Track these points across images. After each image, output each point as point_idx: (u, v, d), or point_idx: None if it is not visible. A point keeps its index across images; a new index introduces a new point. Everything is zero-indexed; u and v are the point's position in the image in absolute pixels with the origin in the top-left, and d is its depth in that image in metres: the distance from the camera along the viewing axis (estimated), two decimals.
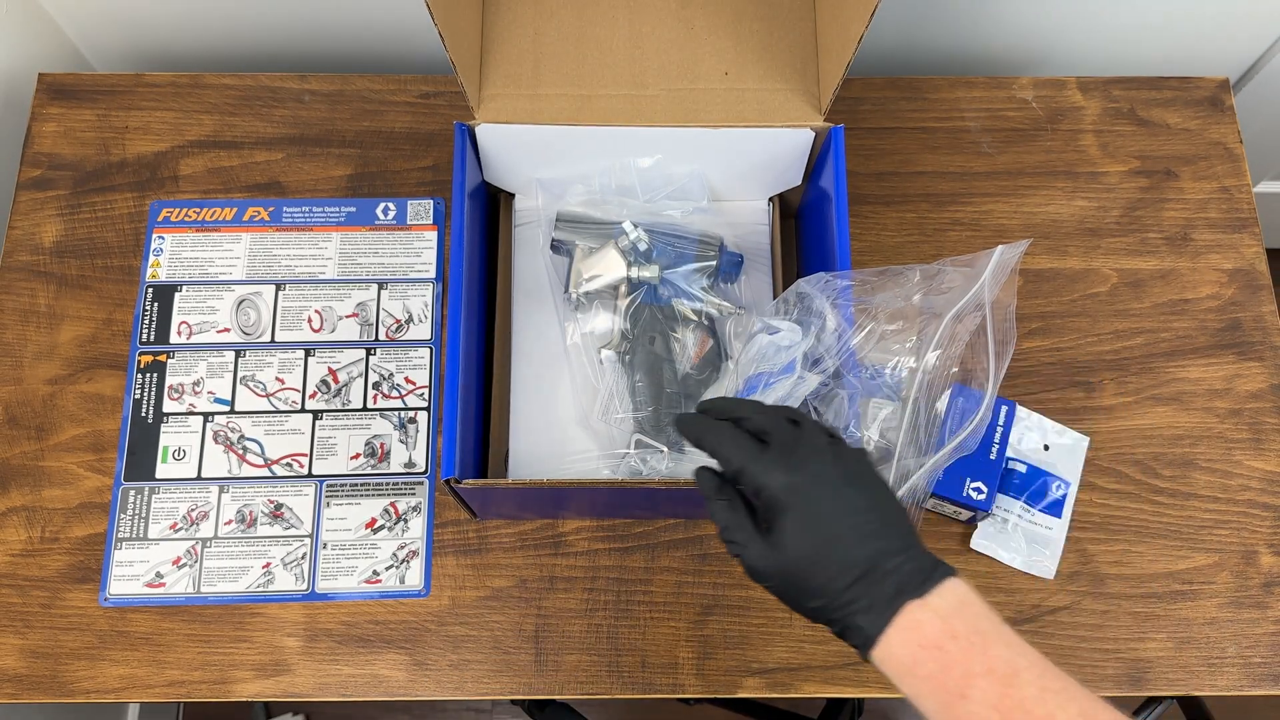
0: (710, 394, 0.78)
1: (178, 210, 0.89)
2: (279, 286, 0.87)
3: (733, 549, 0.51)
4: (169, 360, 0.84)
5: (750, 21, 0.78)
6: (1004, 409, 0.79)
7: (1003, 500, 0.80)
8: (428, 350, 0.85)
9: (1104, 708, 0.44)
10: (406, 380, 0.84)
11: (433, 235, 0.89)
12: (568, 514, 0.80)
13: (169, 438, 0.82)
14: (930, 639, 0.46)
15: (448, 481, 0.66)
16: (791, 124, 0.75)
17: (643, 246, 0.77)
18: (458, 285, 0.70)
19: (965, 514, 0.79)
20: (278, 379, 0.84)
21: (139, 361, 0.84)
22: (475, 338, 0.76)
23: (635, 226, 0.77)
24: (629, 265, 0.77)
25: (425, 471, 0.82)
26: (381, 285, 0.87)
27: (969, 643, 0.46)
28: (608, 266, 0.77)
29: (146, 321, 0.85)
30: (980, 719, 0.44)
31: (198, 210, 0.89)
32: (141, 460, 0.81)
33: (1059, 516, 0.80)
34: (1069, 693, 0.44)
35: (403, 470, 0.82)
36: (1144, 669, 0.78)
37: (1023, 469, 0.80)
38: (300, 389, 0.84)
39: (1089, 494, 0.82)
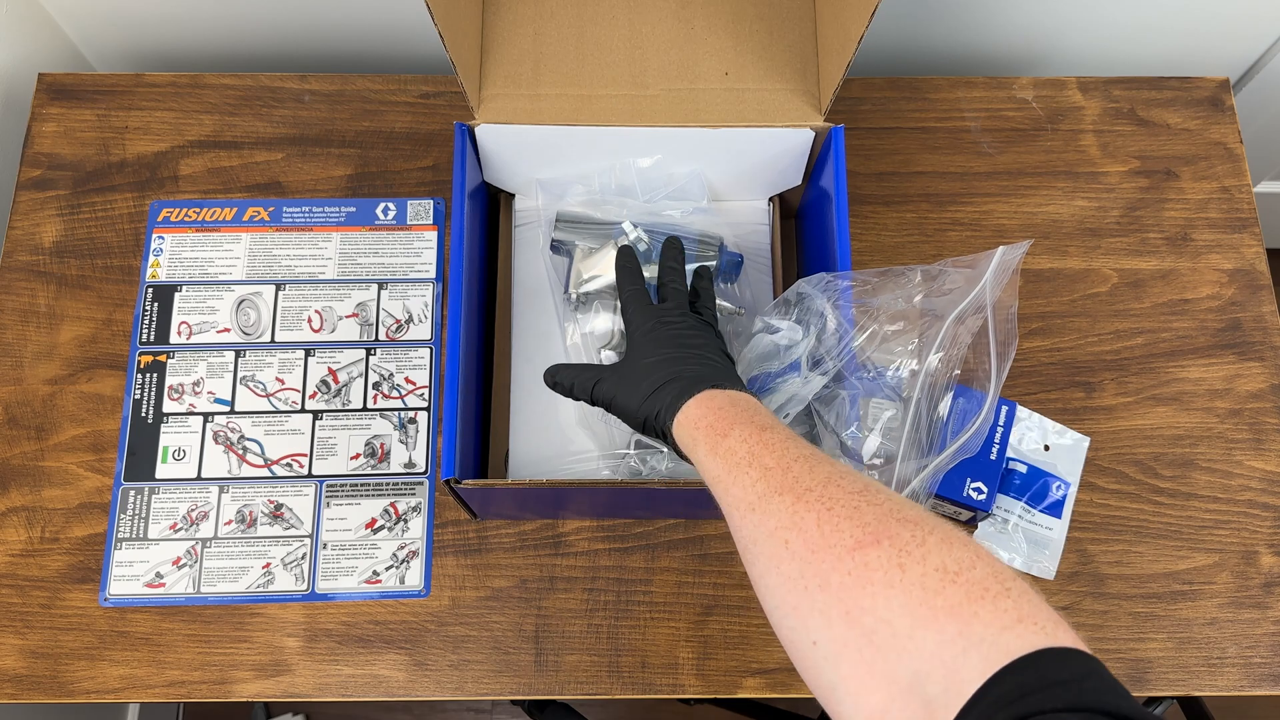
0: None
1: (178, 210, 0.89)
2: (279, 286, 0.87)
3: (589, 392, 0.64)
4: (169, 360, 0.84)
5: (750, 21, 0.78)
6: (1004, 409, 0.79)
7: (1003, 501, 0.80)
8: (428, 350, 0.85)
9: (836, 459, 0.52)
10: (406, 380, 0.84)
11: (433, 235, 0.89)
12: (568, 514, 0.80)
13: (169, 438, 0.82)
14: (714, 405, 0.57)
15: (448, 482, 0.66)
16: (791, 124, 0.75)
17: (642, 247, 0.77)
18: (458, 285, 0.70)
19: (965, 514, 0.79)
20: (278, 379, 0.84)
21: (139, 361, 0.84)
22: (475, 338, 0.76)
23: (635, 226, 0.77)
24: None
25: (425, 471, 0.82)
26: (381, 285, 0.87)
27: (741, 409, 0.56)
28: (608, 266, 0.77)
29: (146, 321, 0.85)
30: (734, 450, 0.53)
31: (198, 210, 0.89)
32: (141, 460, 0.81)
33: (1059, 517, 0.80)
34: (810, 446, 0.53)
35: (403, 470, 0.82)
36: (1144, 669, 0.78)
37: (1023, 469, 0.80)
38: (300, 389, 0.84)
39: (1089, 494, 0.82)
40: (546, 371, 0.67)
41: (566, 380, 0.66)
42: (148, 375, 0.84)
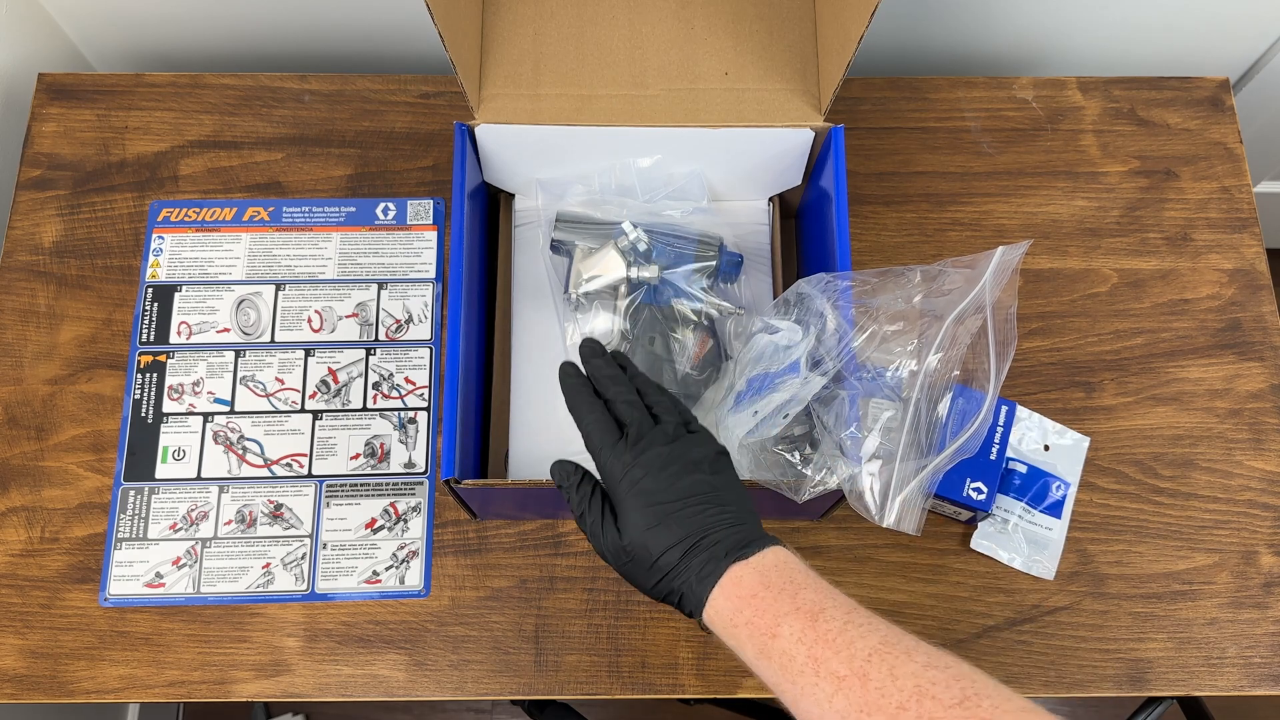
0: (709, 394, 0.78)
1: (177, 210, 0.89)
2: (279, 286, 0.87)
3: (587, 532, 0.56)
4: (169, 360, 0.84)
5: (750, 21, 0.78)
6: (1004, 409, 0.79)
7: (1003, 501, 0.80)
8: (428, 350, 0.85)
9: (905, 636, 0.46)
10: (406, 380, 0.84)
11: (433, 235, 0.89)
12: (568, 514, 0.80)
13: (169, 438, 0.82)
14: (748, 590, 0.50)
15: (448, 482, 0.66)
16: (791, 124, 0.75)
17: (642, 247, 0.77)
18: (458, 285, 0.70)
19: (965, 514, 0.79)
20: (277, 379, 0.84)
21: (139, 361, 0.84)
22: (475, 338, 0.76)
23: (635, 227, 0.77)
24: (629, 265, 0.77)
25: (425, 471, 0.82)
26: (381, 285, 0.87)
27: (780, 589, 0.49)
28: (607, 267, 0.77)
29: (146, 321, 0.85)
30: (789, 654, 0.47)
31: (197, 210, 0.89)
32: (141, 460, 0.81)
33: (1059, 517, 0.80)
34: (871, 625, 0.47)
35: (403, 470, 0.82)
36: (1144, 669, 0.78)
37: (1023, 469, 0.80)
38: (300, 389, 0.84)
39: (1089, 494, 0.82)
40: (555, 463, 0.58)
41: (571, 480, 0.57)
42: (147, 375, 0.84)
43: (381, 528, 0.80)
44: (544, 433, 0.79)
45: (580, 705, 1.03)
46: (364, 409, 0.83)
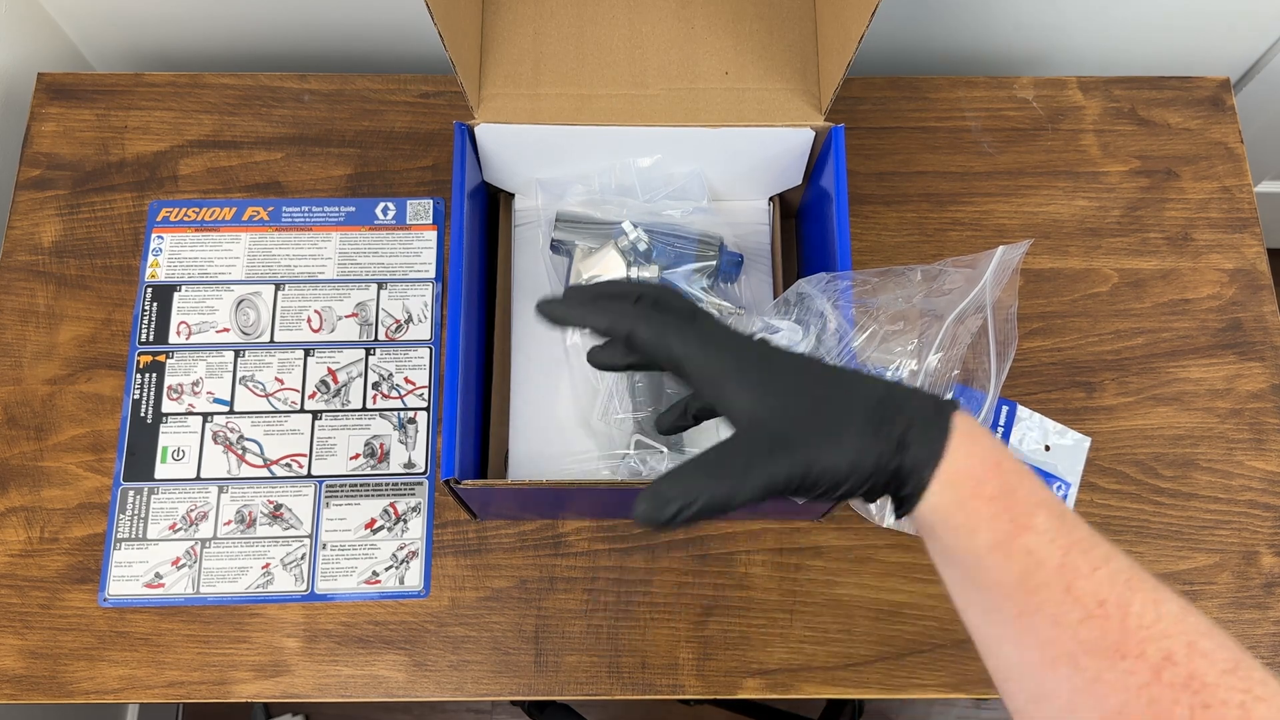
0: None
1: (177, 210, 0.89)
2: (278, 286, 0.86)
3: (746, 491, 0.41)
4: (168, 360, 0.84)
5: (750, 21, 0.78)
6: (1004, 409, 0.79)
7: None
8: (427, 350, 0.85)
9: (1156, 589, 0.37)
10: (406, 380, 0.84)
11: (432, 235, 0.89)
12: (568, 514, 0.80)
13: (168, 438, 0.82)
14: (990, 459, 0.38)
15: (447, 482, 0.66)
16: (792, 124, 0.75)
17: (642, 246, 0.77)
18: (457, 285, 0.70)
19: None
20: (277, 379, 0.84)
21: (138, 361, 0.84)
22: (475, 338, 0.76)
23: (635, 226, 0.77)
24: (629, 265, 0.77)
25: (425, 472, 0.82)
26: (381, 285, 0.87)
27: (1017, 465, 0.38)
28: (607, 266, 0.77)
29: (146, 321, 0.85)
30: (1038, 556, 0.37)
31: (197, 210, 0.89)
32: (141, 460, 0.81)
33: None
34: (1112, 548, 0.38)
35: (402, 470, 0.82)
36: None
37: None
38: (300, 389, 0.83)
39: (1090, 494, 0.82)
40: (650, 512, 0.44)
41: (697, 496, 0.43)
42: (147, 375, 0.84)
43: (381, 528, 0.80)
44: (544, 433, 0.79)
45: (580, 706, 1.03)
46: (363, 409, 0.83)
